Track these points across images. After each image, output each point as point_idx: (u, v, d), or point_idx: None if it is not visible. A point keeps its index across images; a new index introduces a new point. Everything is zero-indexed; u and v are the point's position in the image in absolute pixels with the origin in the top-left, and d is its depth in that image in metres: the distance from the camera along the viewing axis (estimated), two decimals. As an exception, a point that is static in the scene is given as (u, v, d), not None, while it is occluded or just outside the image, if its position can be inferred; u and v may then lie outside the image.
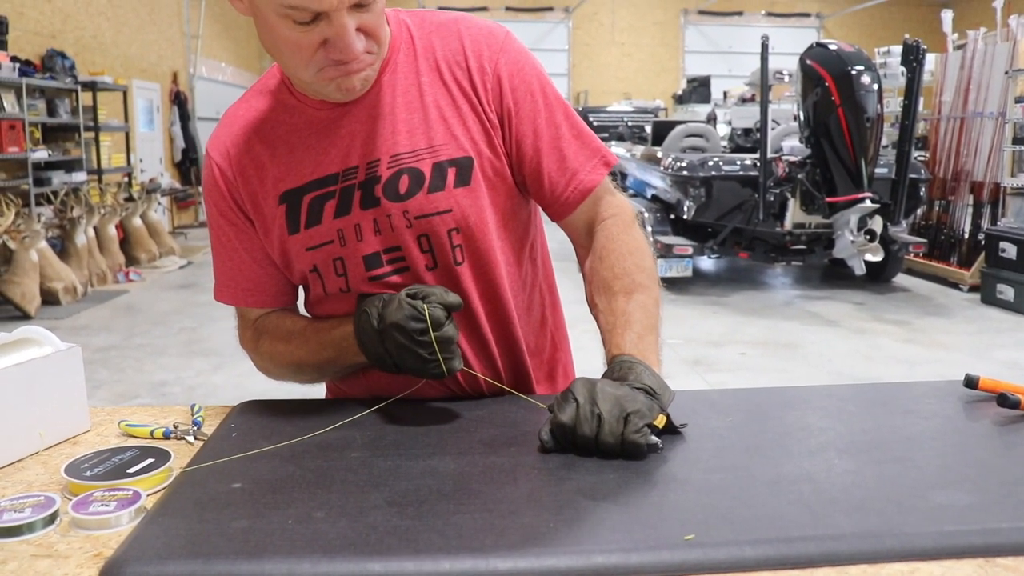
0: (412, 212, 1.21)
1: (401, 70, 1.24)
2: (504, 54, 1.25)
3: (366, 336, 1.16)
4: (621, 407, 1.01)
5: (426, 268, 1.24)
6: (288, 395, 1.34)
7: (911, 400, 1.28)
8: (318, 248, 1.24)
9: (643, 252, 1.26)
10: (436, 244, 1.23)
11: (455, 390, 1.32)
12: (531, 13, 19.13)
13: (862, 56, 6.68)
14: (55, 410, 1.17)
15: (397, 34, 1.25)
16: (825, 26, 19.91)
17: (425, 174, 1.21)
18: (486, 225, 1.25)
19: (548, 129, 1.26)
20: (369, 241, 1.22)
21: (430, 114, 1.22)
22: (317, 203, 1.23)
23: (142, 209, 9.43)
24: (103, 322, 6.70)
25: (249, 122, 1.28)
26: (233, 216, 1.29)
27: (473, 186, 1.23)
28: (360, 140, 1.22)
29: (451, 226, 1.22)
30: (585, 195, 1.27)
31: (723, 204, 7.30)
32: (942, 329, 6.44)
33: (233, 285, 1.34)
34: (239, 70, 16.25)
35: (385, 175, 1.21)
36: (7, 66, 7.17)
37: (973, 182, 8.17)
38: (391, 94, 1.23)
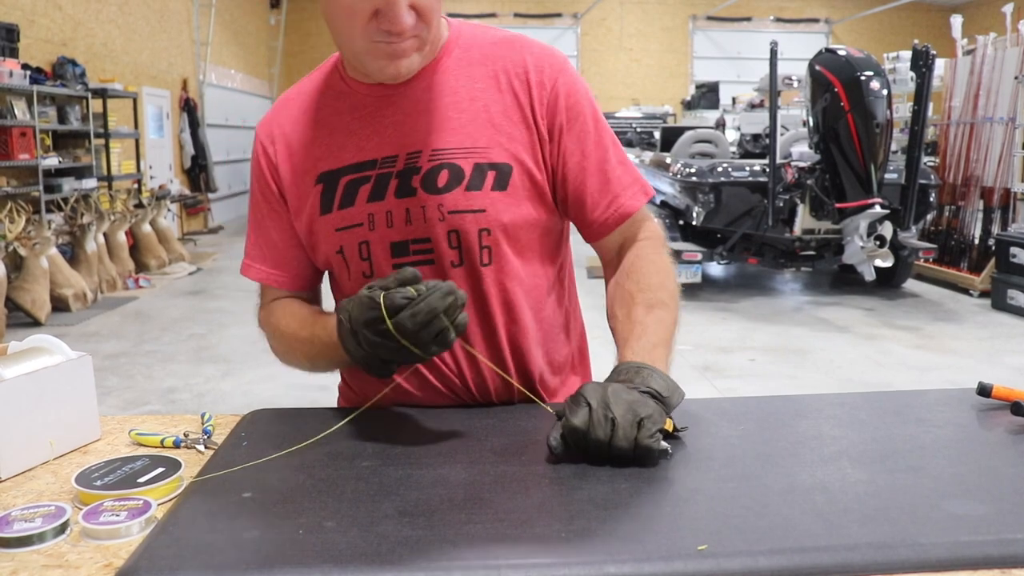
0: (447, 206, 1.23)
1: (453, 71, 1.28)
2: (563, 74, 1.29)
3: (348, 343, 1.14)
4: (634, 412, 1.01)
5: (451, 264, 1.26)
6: (298, 403, 1.34)
7: (924, 408, 1.27)
8: (347, 230, 1.26)
9: (669, 274, 1.29)
10: (465, 242, 1.25)
11: (465, 398, 1.32)
12: (539, 19, 19.15)
13: (871, 62, 6.66)
14: (65, 419, 1.17)
15: (454, 38, 1.30)
16: (834, 31, 19.87)
17: (465, 172, 1.24)
18: (517, 232, 1.27)
19: (596, 151, 1.29)
20: (399, 229, 1.25)
21: (478, 117, 1.25)
22: (352, 186, 1.26)
23: (152, 216, 9.46)
24: (113, 329, 6.72)
25: (298, 104, 1.34)
26: (270, 195, 1.33)
27: (509, 192, 1.25)
28: (403, 131, 1.25)
29: (483, 226, 1.24)
30: (624, 218, 1.30)
31: (732, 210, 7.29)
32: (953, 335, 6.41)
33: (260, 263, 1.37)
34: (248, 77, 16.31)
35: (425, 167, 1.24)
36: (18, 73, 7.21)
37: (983, 187, 8.14)
38: (440, 92, 1.27)
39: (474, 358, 1.29)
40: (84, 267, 7.71)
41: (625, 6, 19.26)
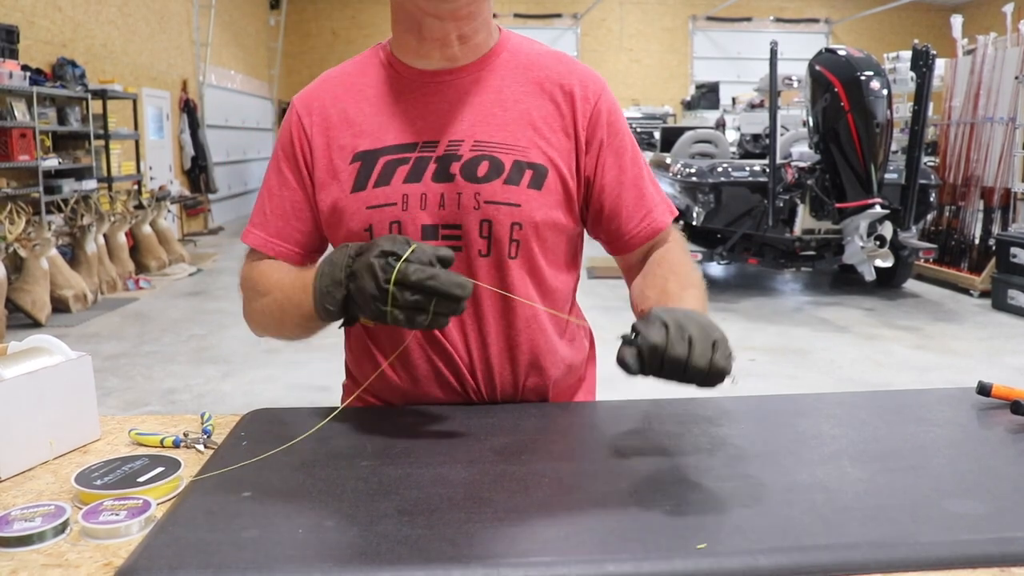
0: (484, 196, 1.25)
1: (500, 72, 1.32)
2: (605, 93, 1.35)
3: (327, 264, 1.14)
4: (708, 333, 1.02)
5: (479, 253, 1.27)
6: (298, 404, 1.34)
7: (924, 407, 1.27)
8: (379, 208, 1.27)
9: (696, 270, 1.33)
10: (496, 232, 1.26)
11: (473, 395, 1.32)
12: (539, 20, 19.16)
13: (871, 62, 6.66)
14: (65, 419, 1.17)
15: (503, 42, 1.35)
16: (834, 32, 19.87)
17: (505, 165, 1.26)
18: (546, 232, 1.29)
19: (632, 168, 1.34)
20: (431, 212, 1.26)
21: (521, 118, 1.29)
22: (390, 166, 1.28)
23: (152, 217, 9.45)
24: (113, 330, 6.72)
25: (341, 82, 1.36)
26: (294, 166, 1.34)
27: (544, 193, 1.28)
28: (447, 119, 1.28)
29: (515, 220, 1.26)
30: (655, 233, 1.35)
31: (732, 210, 7.29)
32: (953, 335, 6.41)
33: (262, 230, 1.37)
34: (248, 78, 16.31)
35: (466, 155, 1.26)
36: (18, 75, 7.21)
37: (983, 187, 8.14)
38: (486, 88, 1.30)
39: (486, 356, 1.30)
40: (84, 268, 7.71)
41: (625, 6, 19.26)
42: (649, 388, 1.11)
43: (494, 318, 1.30)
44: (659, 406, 1.28)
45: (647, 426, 1.20)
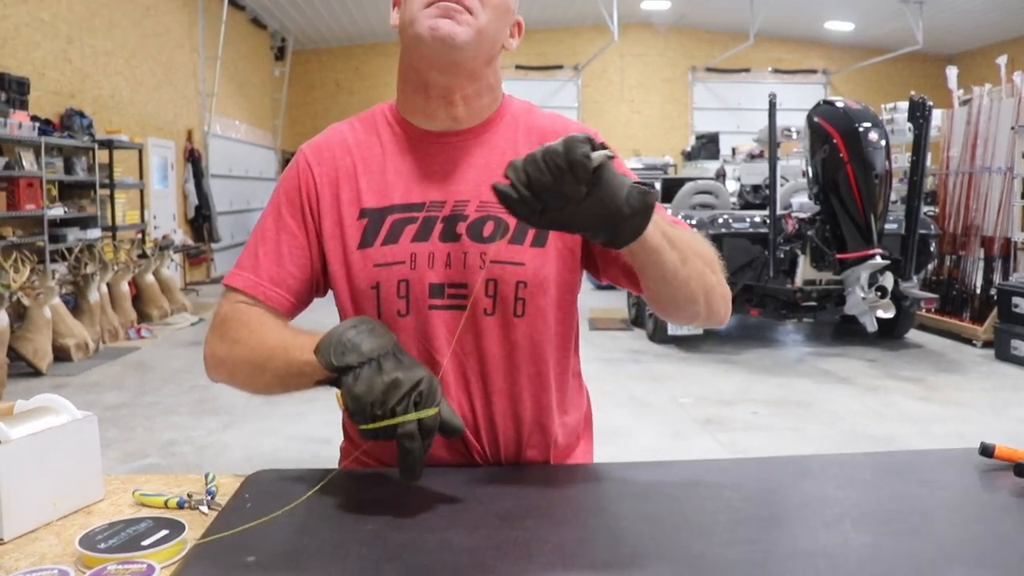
0: (489, 255, 1.27)
1: (503, 133, 1.35)
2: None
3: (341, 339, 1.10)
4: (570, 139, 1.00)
5: (484, 312, 1.29)
6: (299, 455, 1.34)
7: (926, 469, 1.27)
8: (386, 266, 1.28)
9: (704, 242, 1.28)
10: (501, 291, 1.28)
11: (478, 458, 1.32)
12: (541, 71, 19.39)
13: (869, 113, 6.73)
14: (70, 479, 1.17)
15: (506, 106, 1.38)
16: (832, 82, 20.11)
17: (510, 226, 1.28)
18: (550, 288, 1.31)
19: None
20: (439, 271, 1.28)
21: None
22: (399, 224, 1.29)
23: (155, 266, 9.49)
24: (114, 379, 6.71)
25: (351, 136, 1.38)
26: (297, 213, 1.34)
27: (547, 249, 1.30)
28: (452, 179, 1.31)
29: (520, 278, 1.28)
30: None
31: (733, 261, 7.31)
32: (957, 386, 6.40)
33: (252, 272, 1.33)
34: (252, 128, 16.48)
35: (472, 216, 1.28)
36: (27, 125, 7.30)
37: (984, 237, 8.17)
38: (490, 149, 1.33)
39: (490, 415, 1.31)
40: (87, 317, 7.73)
41: (625, 58, 19.51)
42: (646, 445, 1.12)
43: (499, 377, 1.31)
44: (661, 468, 1.28)
45: (649, 489, 1.20)
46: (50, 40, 8.67)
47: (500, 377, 1.31)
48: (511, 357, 1.30)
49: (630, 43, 18.87)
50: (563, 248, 1.32)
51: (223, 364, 1.33)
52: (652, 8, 17.71)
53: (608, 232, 1.05)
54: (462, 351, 1.29)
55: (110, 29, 10.14)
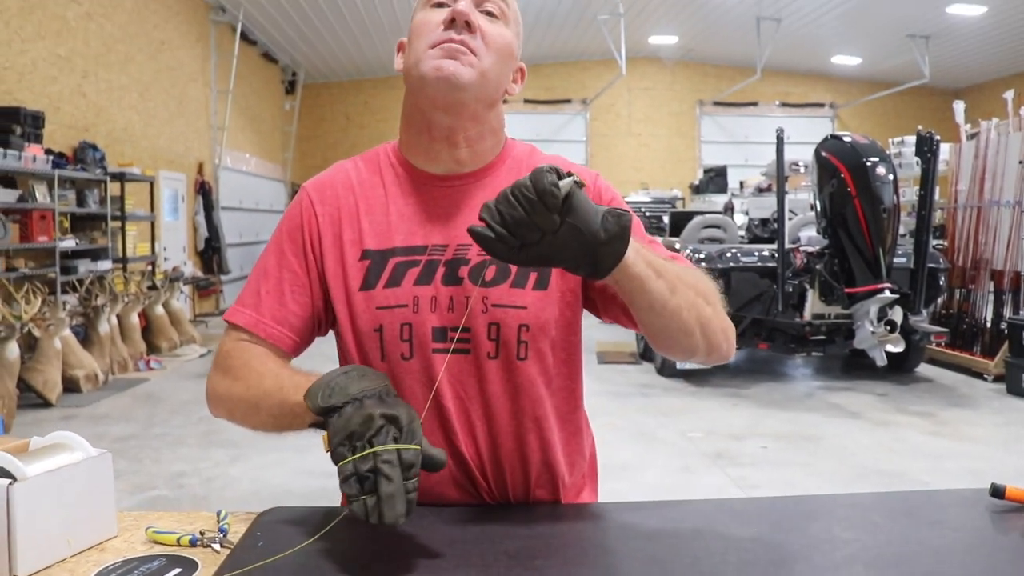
0: (491, 299, 1.28)
1: (504, 177, 1.36)
2: (597, 182, 1.40)
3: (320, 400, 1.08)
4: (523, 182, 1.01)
5: (488, 355, 1.29)
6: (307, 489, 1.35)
7: (937, 510, 1.27)
8: (389, 309, 1.29)
9: (701, 275, 1.28)
10: (504, 335, 1.29)
11: (485, 496, 1.33)
12: (549, 105, 19.54)
13: (876, 148, 6.76)
14: (84, 516, 1.18)
15: (508, 150, 1.41)
16: (839, 115, 20.21)
17: (511, 269, 1.29)
18: (552, 331, 1.32)
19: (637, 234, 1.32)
20: (441, 315, 1.29)
21: None
22: (401, 267, 1.30)
23: (164, 298, 9.54)
24: (123, 411, 6.72)
25: (354, 176, 1.39)
26: (299, 251, 1.35)
27: (549, 291, 1.31)
28: (454, 223, 1.32)
29: (523, 322, 1.29)
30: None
31: (742, 295, 7.31)
32: (968, 421, 6.36)
33: (254, 309, 1.34)
34: (262, 161, 16.61)
35: (474, 260, 1.29)
36: (41, 159, 7.38)
37: (993, 270, 8.16)
38: (492, 192, 1.31)
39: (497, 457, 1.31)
40: (96, 348, 7.76)
41: (633, 92, 19.65)
42: (656, 480, 1.12)
43: (504, 419, 1.32)
44: (670, 508, 1.29)
45: (659, 530, 1.20)
46: (66, 75, 8.79)
47: (505, 419, 1.32)
48: (515, 399, 1.31)
49: (638, 77, 19.02)
50: (565, 290, 1.33)
51: (223, 401, 1.34)
52: (660, 43, 17.86)
53: (589, 261, 1.06)
54: (466, 395, 1.30)
55: (125, 64, 10.27)
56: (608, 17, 14.72)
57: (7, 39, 7.70)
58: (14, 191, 7.19)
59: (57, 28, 8.59)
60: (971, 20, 14.63)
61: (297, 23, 14.67)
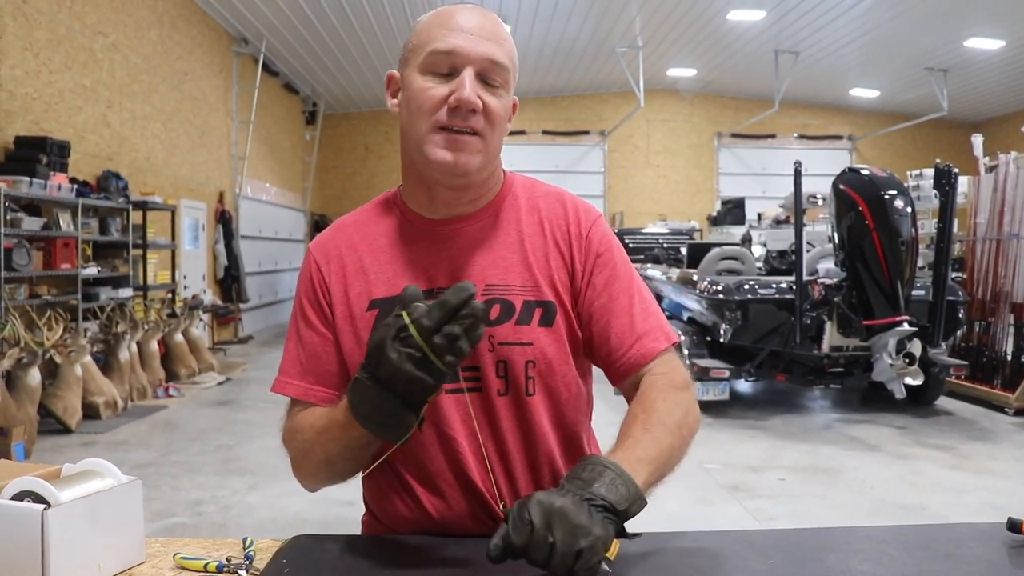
0: (497, 338, 1.31)
1: (506, 215, 1.39)
2: (596, 226, 1.41)
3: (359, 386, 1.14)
4: (575, 538, 0.98)
5: (498, 392, 1.33)
6: (325, 518, 1.37)
7: (953, 543, 1.28)
8: None
9: (681, 406, 1.27)
10: (512, 372, 1.32)
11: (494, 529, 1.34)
12: (567, 136, 19.66)
13: (894, 181, 6.77)
14: (114, 542, 1.20)
15: (508, 186, 1.42)
16: (857, 147, 20.22)
17: (516, 307, 1.32)
18: (560, 366, 1.34)
19: (623, 296, 1.37)
20: None
21: (528, 257, 1.36)
22: None
23: (184, 325, 9.61)
24: (141, 438, 6.77)
25: (356, 230, 1.42)
26: (318, 311, 1.39)
27: (554, 328, 1.34)
28: (458, 264, 1.35)
29: (529, 358, 1.32)
30: (647, 359, 1.34)
31: (760, 327, 7.30)
32: (988, 454, 6.30)
33: (298, 379, 1.38)
34: (282, 190, 16.76)
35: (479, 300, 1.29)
36: (66, 187, 7.49)
37: (1014, 303, 8.12)
38: (495, 232, 1.37)
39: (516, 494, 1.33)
40: (116, 375, 7.82)
41: (651, 123, 19.74)
42: (672, 511, 1.13)
43: (518, 454, 1.34)
44: (688, 538, 1.30)
45: (676, 560, 1.21)
46: (91, 105, 8.94)
47: (519, 454, 1.34)
48: (528, 434, 1.34)
49: (656, 109, 19.12)
50: (570, 329, 1.36)
51: (306, 472, 1.37)
52: (678, 75, 17.97)
53: None
54: (480, 432, 1.32)
55: (148, 94, 10.43)
56: (627, 50, 14.85)
57: (36, 70, 7.85)
58: (39, 219, 7.29)
59: (84, 59, 8.75)
60: (989, 53, 14.66)
61: (318, 54, 14.87)
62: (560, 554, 0.98)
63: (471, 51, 1.27)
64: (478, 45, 1.27)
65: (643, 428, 1.22)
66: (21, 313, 6.75)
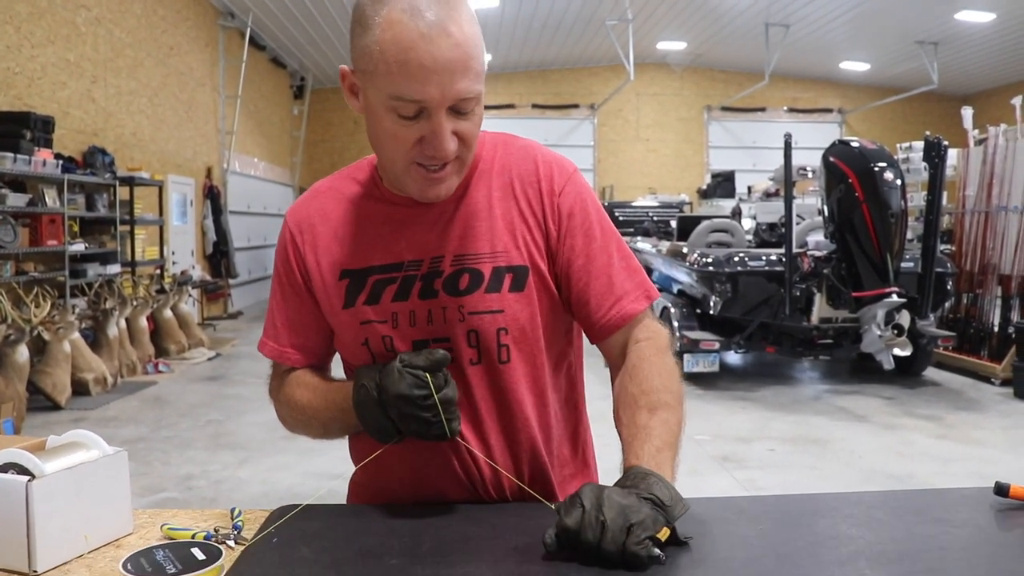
0: (467, 307, 1.29)
1: (475, 182, 1.35)
2: (571, 183, 1.37)
3: (366, 409, 1.23)
4: (625, 517, 1.01)
5: (470, 362, 1.31)
6: (316, 492, 1.36)
7: (942, 508, 1.28)
8: (370, 324, 1.32)
9: (672, 375, 1.29)
10: (483, 341, 1.30)
11: (481, 492, 1.34)
12: (557, 110, 19.58)
13: (884, 153, 6.76)
14: (101, 513, 1.20)
15: (478, 156, 1.36)
16: (847, 121, 20.20)
17: (485, 275, 1.30)
18: (533, 331, 1.33)
19: (600, 255, 1.34)
20: (421, 328, 1.31)
21: (496, 224, 1.32)
22: (379, 285, 1.32)
23: (173, 301, 9.58)
24: (131, 414, 6.76)
25: (331, 197, 1.41)
26: (293, 279, 1.40)
27: (526, 293, 1.31)
28: (429, 238, 1.32)
29: (500, 325, 1.30)
30: (627, 320, 1.33)
31: (749, 299, 7.32)
32: (975, 424, 6.35)
33: (275, 341, 1.44)
34: (271, 165, 16.67)
35: (447, 271, 1.31)
36: (51, 163, 7.42)
37: (1001, 275, 8.15)
38: (464, 201, 1.34)
39: (489, 457, 1.33)
40: (105, 351, 7.79)
41: (641, 97, 19.67)
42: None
43: (493, 423, 1.33)
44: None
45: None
46: (75, 80, 8.84)
47: (494, 423, 1.33)
48: (503, 402, 1.33)
49: (646, 83, 19.05)
50: (545, 291, 1.34)
51: (289, 425, 1.46)
52: (668, 48, 17.88)
53: None
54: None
55: (134, 69, 10.33)
56: (616, 23, 14.74)
57: (17, 44, 7.76)
58: (24, 195, 7.23)
59: (66, 33, 8.65)
60: (980, 26, 14.62)
61: (305, 28, 14.73)
62: (611, 532, 1.00)
63: (442, 98, 1.16)
64: (448, 89, 1.16)
65: (649, 412, 1.23)
66: (8, 290, 6.71)
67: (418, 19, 1.13)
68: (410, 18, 1.13)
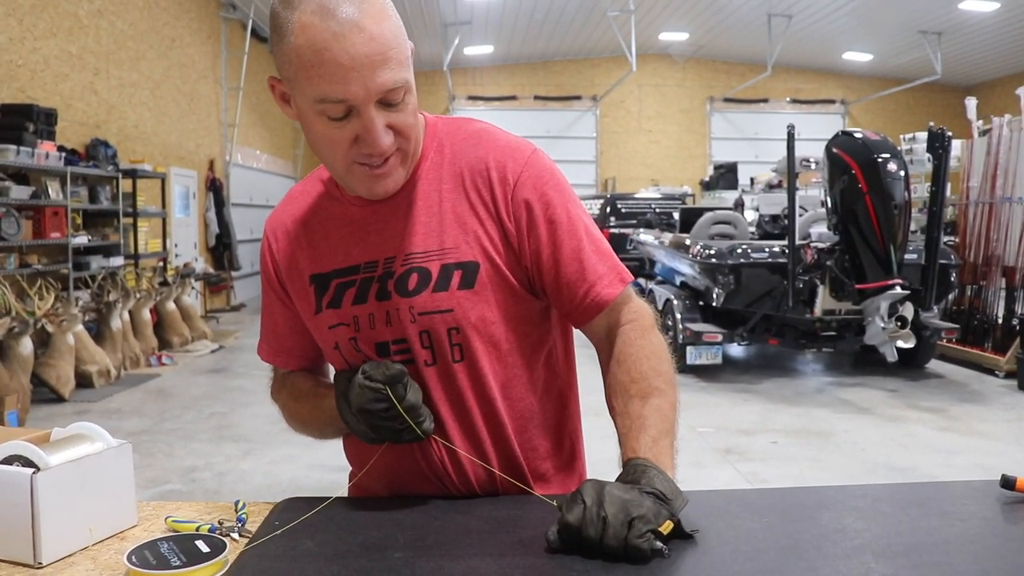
0: (417, 308, 1.28)
1: (426, 175, 1.32)
2: (528, 168, 1.31)
3: (345, 419, 1.28)
4: (627, 511, 1.01)
5: (425, 363, 1.30)
6: (319, 484, 1.37)
7: (947, 501, 1.28)
8: (337, 327, 1.33)
9: (660, 356, 1.28)
10: (436, 341, 1.29)
11: (450, 488, 1.33)
12: (559, 102, 19.54)
13: (888, 144, 6.74)
14: (105, 505, 1.20)
15: (429, 141, 1.34)
16: (850, 112, 20.15)
17: (432, 274, 1.28)
18: (487, 328, 1.29)
19: (569, 241, 1.30)
20: (381, 331, 1.30)
21: (445, 219, 1.29)
22: (340, 289, 1.33)
23: (176, 293, 9.58)
24: (135, 406, 6.77)
25: (302, 202, 1.42)
26: (275, 285, 1.43)
27: (476, 289, 1.28)
28: (382, 238, 1.31)
29: (451, 325, 1.28)
30: (603, 306, 1.30)
31: (752, 291, 7.31)
32: (979, 417, 6.35)
33: (268, 345, 1.50)
34: (273, 157, 16.65)
35: (398, 271, 1.29)
36: (54, 155, 7.42)
37: (1005, 267, 8.13)
38: (415, 198, 1.32)
39: (458, 462, 1.32)
40: (109, 344, 7.80)
41: (643, 88, 19.63)
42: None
43: (453, 423, 1.31)
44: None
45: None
46: (78, 72, 8.84)
47: (454, 423, 1.31)
48: (459, 403, 1.31)
49: (648, 74, 19.01)
50: (500, 283, 1.29)
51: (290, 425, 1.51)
52: (670, 39, 17.84)
53: None
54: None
55: (136, 61, 10.32)
56: (618, 13, 14.70)
57: (19, 36, 7.75)
58: (27, 188, 7.23)
59: (69, 26, 8.64)
60: (983, 16, 14.57)
61: (307, 20, 14.66)
62: (613, 527, 1.00)
63: (366, 93, 1.14)
64: (370, 83, 1.13)
65: (641, 400, 1.22)
66: (11, 282, 6.71)
67: (329, 19, 1.11)
68: (321, 19, 1.11)
